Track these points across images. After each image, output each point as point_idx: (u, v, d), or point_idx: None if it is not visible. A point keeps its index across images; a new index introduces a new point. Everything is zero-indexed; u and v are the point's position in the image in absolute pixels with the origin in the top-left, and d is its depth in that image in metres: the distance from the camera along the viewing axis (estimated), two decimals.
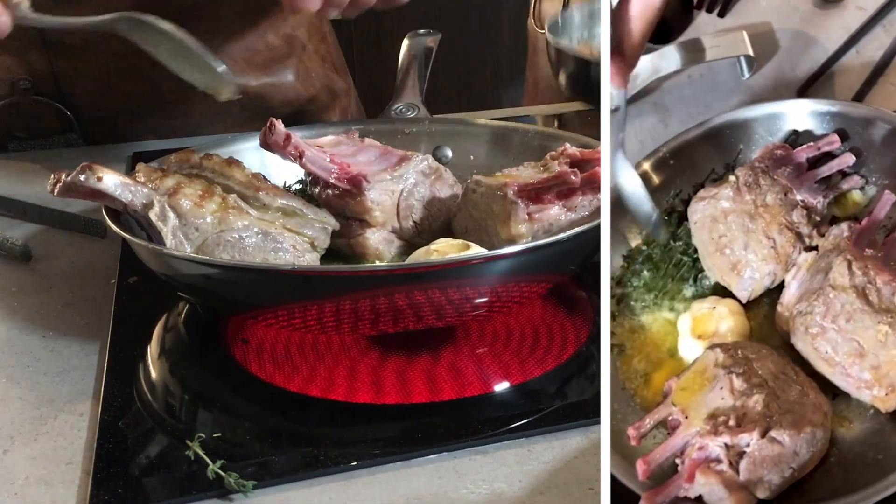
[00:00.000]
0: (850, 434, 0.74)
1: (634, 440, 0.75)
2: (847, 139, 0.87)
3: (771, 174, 0.86)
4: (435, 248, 0.90)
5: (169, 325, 0.98)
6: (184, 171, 0.97)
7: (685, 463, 0.71)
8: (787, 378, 0.74)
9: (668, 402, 0.75)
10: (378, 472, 0.78)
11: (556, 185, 0.92)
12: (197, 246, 0.90)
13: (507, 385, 0.88)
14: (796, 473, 0.71)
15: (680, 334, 0.85)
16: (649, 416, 0.75)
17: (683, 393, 0.75)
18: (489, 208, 0.93)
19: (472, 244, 0.90)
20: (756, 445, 0.70)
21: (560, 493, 0.76)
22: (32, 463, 0.80)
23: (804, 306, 0.76)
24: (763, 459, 0.70)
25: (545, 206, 0.92)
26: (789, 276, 0.81)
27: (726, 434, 0.70)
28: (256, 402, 0.88)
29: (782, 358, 0.76)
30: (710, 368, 0.75)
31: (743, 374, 0.73)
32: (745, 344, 0.78)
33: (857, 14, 0.98)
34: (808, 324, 0.75)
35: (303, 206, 0.95)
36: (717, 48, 1.00)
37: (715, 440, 0.71)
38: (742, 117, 0.92)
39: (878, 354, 0.72)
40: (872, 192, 0.85)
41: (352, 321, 0.86)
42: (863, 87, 0.95)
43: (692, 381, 0.76)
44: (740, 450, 0.70)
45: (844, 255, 0.76)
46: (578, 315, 0.96)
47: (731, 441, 0.70)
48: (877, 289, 0.74)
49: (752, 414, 0.71)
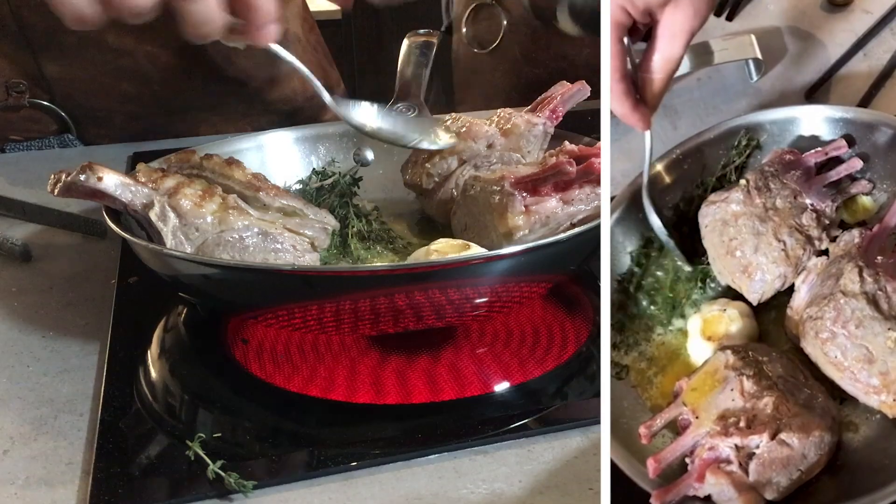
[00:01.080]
0: (858, 439, 0.74)
1: (645, 438, 0.75)
2: (854, 144, 0.87)
3: (780, 178, 0.86)
4: (435, 249, 0.90)
5: (169, 325, 0.98)
6: (184, 171, 0.97)
7: (695, 462, 0.72)
8: (797, 381, 0.74)
9: (679, 402, 0.76)
10: (378, 472, 0.78)
11: (552, 176, 0.92)
12: (197, 246, 0.90)
13: (507, 385, 0.88)
14: (804, 476, 0.71)
15: (690, 335, 0.85)
16: (660, 416, 0.76)
17: (694, 393, 0.76)
18: (487, 202, 0.93)
19: (471, 244, 0.90)
20: (766, 447, 0.70)
21: (560, 493, 0.76)
22: (32, 463, 0.80)
23: (814, 311, 0.76)
24: (772, 461, 0.70)
25: (542, 198, 0.92)
26: (799, 280, 0.81)
27: (737, 435, 0.71)
28: (256, 402, 0.88)
29: (792, 361, 0.77)
30: (721, 370, 0.76)
31: (753, 376, 0.74)
32: (755, 346, 0.79)
33: (864, 18, 0.98)
34: (818, 328, 0.75)
35: (303, 206, 0.95)
36: (725, 51, 1.00)
37: (725, 441, 0.71)
38: (755, 121, 0.92)
39: (886, 361, 0.72)
40: (883, 198, 0.85)
41: (352, 321, 0.86)
42: (870, 90, 0.95)
43: (703, 381, 0.76)
44: (750, 451, 0.71)
45: (856, 261, 0.77)
46: (578, 315, 0.96)
47: (741, 442, 0.71)
48: (887, 296, 0.74)
49: (762, 416, 0.71)
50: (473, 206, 0.96)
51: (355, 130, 1.00)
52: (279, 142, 1.16)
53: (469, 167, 1.04)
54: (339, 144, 1.17)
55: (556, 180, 0.92)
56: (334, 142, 1.17)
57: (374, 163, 1.16)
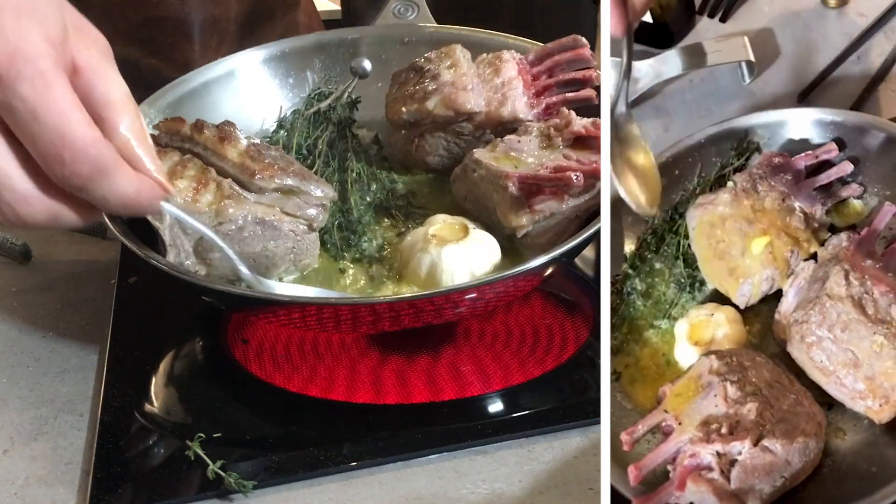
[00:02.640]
0: (845, 445, 0.74)
1: (627, 445, 0.74)
2: (845, 147, 0.87)
3: (769, 180, 0.86)
4: (433, 234, 0.89)
5: (169, 325, 0.98)
6: (174, 143, 0.94)
7: (677, 470, 0.71)
8: (782, 387, 0.74)
9: (662, 409, 0.75)
10: (378, 472, 0.78)
11: (557, 184, 0.91)
12: (196, 240, 0.89)
13: (507, 385, 0.88)
14: (788, 483, 0.70)
15: (676, 340, 0.85)
16: (642, 422, 0.75)
17: (677, 399, 0.75)
18: (490, 194, 0.93)
19: (470, 225, 0.90)
20: (748, 454, 0.69)
21: (560, 493, 0.76)
22: (32, 463, 0.80)
23: (801, 315, 0.76)
24: (755, 468, 0.69)
25: (546, 196, 0.91)
26: (787, 284, 0.81)
27: (718, 442, 0.70)
28: (256, 402, 0.88)
29: (778, 366, 0.76)
30: (705, 375, 0.75)
31: (737, 381, 0.73)
32: (740, 351, 0.78)
33: (858, 21, 0.98)
34: (804, 332, 0.75)
35: (300, 182, 0.90)
36: (718, 53, 0.99)
37: (707, 448, 0.70)
38: (746, 124, 0.92)
39: (872, 365, 0.72)
40: (874, 202, 0.85)
41: (351, 321, 0.87)
42: (863, 93, 0.95)
43: (686, 387, 0.75)
44: (732, 458, 0.70)
45: (842, 264, 0.76)
46: (578, 315, 0.96)
47: (722, 449, 0.70)
48: (873, 299, 0.74)
49: (744, 422, 0.71)
50: (475, 189, 0.95)
51: None
52: (264, 61, 1.14)
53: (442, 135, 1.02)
54: (334, 58, 1.14)
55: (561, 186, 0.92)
56: (329, 54, 1.14)
57: (373, 75, 1.12)
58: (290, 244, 0.91)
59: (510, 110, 1.00)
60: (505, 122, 1.00)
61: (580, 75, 1.02)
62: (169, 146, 0.93)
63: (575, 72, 1.02)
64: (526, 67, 1.03)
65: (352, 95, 1.07)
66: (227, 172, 0.90)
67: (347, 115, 1.06)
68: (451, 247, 0.88)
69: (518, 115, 1.00)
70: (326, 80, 1.12)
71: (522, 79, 1.01)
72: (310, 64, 1.14)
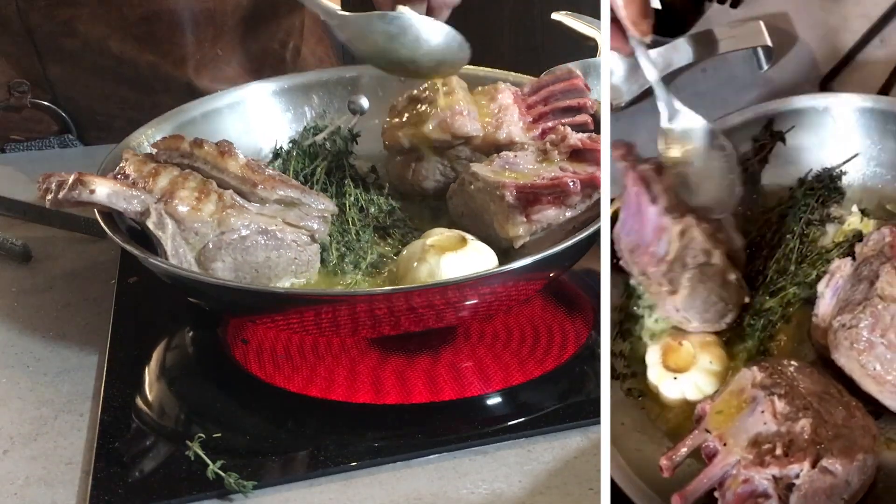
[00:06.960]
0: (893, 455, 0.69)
1: (667, 471, 0.68)
2: None
3: None
4: (431, 244, 0.89)
5: (169, 325, 0.98)
6: (174, 160, 0.94)
7: (727, 497, 0.65)
8: (832, 398, 0.68)
9: (703, 427, 0.69)
10: (378, 472, 0.78)
11: (554, 192, 0.92)
12: (198, 250, 0.89)
13: (507, 385, 0.88)
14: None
15: (649, 366, 0.80)
16: (682, 444, 0.69)
17: (719, 417, 0.69)
18: (486, 205, 0.93)
19: (468, 237, 0.90)
20: (807, 476, 0.63)
21: (560, 493, 0.76)
22: (32, 463, 0.80)
23: (848, 318, 0.70)
24: (815, 492, 0.63)
25: (543, 206, 0.91)
26: (822, 284, 0.75)
27: (775, 465, 0.64)
28: (256, 402, 0.88)
29: (823, 375, 0.70)
30: (748, 389, 0.69)
31: (785, 395, 0.67)
32: (782, 361, 0.72)
33: (878, 2, 0.91)
34: (854, 338, 0.69)
35: (300, 194, 0.92)
36: (732, 39, 0.94)
37: (762, 472, 0.64)
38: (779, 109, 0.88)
39: None
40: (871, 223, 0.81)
41: (351, 325, 0.87)
42: (890, 78, 0.89)
43: (728, 403, 0.69)
44: (789, 481, 0.64)
45: (892, 262, 0.71)
46: (578, 315, 0.96)
47: (779, 472, 0.64)
48: None
49: (799, 441, 0.64)
50: (471, 202, 0.95)
51: None
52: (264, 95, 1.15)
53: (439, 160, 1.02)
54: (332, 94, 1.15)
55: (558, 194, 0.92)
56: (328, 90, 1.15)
57: (370, 112, 1.12)
58: (292, 255, 0.91)
59: (506, 134, 1.01)
60: (501, 145, 1.01)
61: (575, 103, 1.03)
62: (168, 162, 0.94)
63: (570, 100, 1.03)
64: (521, 97, 1.05)
65: (352, 131, 1.08)
66: (227, 185, 0.92)
67: (345, 148, 1.07)
68: (449, 255, 0.87)
69: (514, 139, 1.01)
70: (322, 116, 1.14)
71: (518, 107, 1.03)
72: (308, 100, 1.16)
